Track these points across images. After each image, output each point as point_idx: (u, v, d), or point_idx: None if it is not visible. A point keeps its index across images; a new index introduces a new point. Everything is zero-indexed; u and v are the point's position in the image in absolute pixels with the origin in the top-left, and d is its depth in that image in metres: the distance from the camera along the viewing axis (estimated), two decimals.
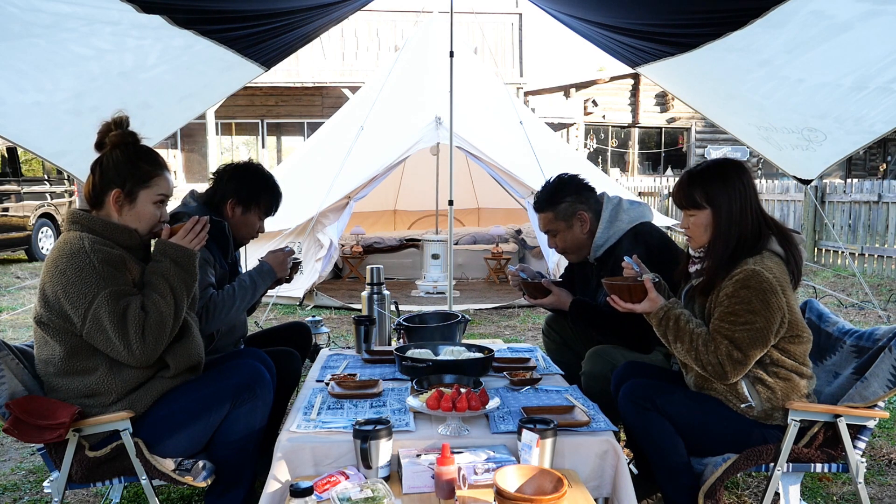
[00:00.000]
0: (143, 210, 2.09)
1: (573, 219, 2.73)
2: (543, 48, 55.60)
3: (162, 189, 2.13)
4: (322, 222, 6.71)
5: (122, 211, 2.06)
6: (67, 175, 10.52)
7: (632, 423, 2.20)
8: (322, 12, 3.70)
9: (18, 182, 10.39)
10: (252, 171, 2.78)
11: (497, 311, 6.72)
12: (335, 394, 2.29)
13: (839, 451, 2.11)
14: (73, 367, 1.98)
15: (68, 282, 1.91)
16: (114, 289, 1.92)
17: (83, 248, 1.94)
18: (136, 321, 1.92)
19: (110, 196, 2.05)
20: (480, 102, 7.75)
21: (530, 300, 2.87)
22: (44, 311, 1.96)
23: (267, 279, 2.71)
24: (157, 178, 2.11)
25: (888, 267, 8.64)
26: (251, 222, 2.78)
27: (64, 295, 1.91)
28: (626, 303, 2.21)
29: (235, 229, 2.77)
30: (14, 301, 7.24)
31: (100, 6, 2.66)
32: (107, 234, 2.02)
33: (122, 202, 2.06)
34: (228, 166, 2.81)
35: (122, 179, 2.05)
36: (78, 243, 1.95)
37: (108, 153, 2.08)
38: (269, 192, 2.79)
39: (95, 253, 1.93)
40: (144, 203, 2.09)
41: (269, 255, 2.77)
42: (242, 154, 16.50)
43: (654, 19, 3.40)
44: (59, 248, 1.98)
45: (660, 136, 19.10)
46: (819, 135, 4.03)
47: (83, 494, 2.74)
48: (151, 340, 1.94)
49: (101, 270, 1.92)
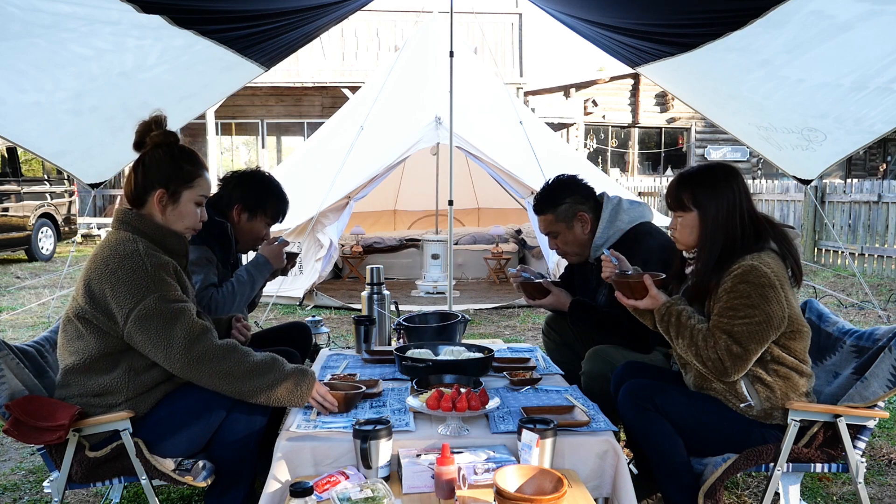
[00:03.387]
0: (186, 210, 2.12)
1: (574, 220, 2.73)
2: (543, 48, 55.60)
3: (203, 189, 2.16)
4: (322, 222, 6.71)
5: (165, 211, 2.09)
6: (67, 175, 10.54)
7: (631, 423, 2.20)
8: (322, 12, 3.70)
9: (18, 182, 10.39)
10: (259, 178, 2.81)
11: (497, 311, 6.72)
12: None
13: (839, 451, 2.11)
14: (98, 365, 1.98)
15: (118, 281, 1.92)
16: (164, 293, 1.95)
17: (137, 250, 1.96)
18: (191, 328, 1.95)
19: (154, 196, 2.07)
20: (480, 102, 7.75)
21: (529, 301, 2.87)
22: (88, 307, 1.96)
23: (264, 271, 2.73)
24: (199, 178, 2.14)
25: (888, 267, 8.64)
26: (256, 229, 2.81)
27: (112, 292, 1.92)
28: (629, 299, 2.21)
29: (240, 235, 2.79)
30: (14, 301, 7.24)
31: (100, 6, 2.66)
32: (157, 238, 2.05)
33: (165, 202, 2.08)
34: (236, 173, 2.84)
35: (165, 179, 2.08)
36: (132, 245, 1.97)
37: (149, 153, 2.09)
38: (277, 199, 2.82)
39: (149, 257, 1.96)
40: (187, 203, 2.12)
41: (264, 248, 2.79)
42: (242, 154, 16.51)
43: (654, 19, 3.40)
44: (110, 247, 1.99)
45: (660, 136, 19.09)
46: (819, 135, 4.03)
47: (83, 494, 2.74)
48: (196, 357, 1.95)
49: (154, 274, 1.94)
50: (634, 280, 2.19)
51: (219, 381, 1.98)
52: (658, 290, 2.17)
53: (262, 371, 2.01)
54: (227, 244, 2.73)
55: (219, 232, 2.70)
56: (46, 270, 9.74)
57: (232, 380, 1.98)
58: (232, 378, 1.98)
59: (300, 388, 2.05)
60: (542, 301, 2.81)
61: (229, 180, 2.82)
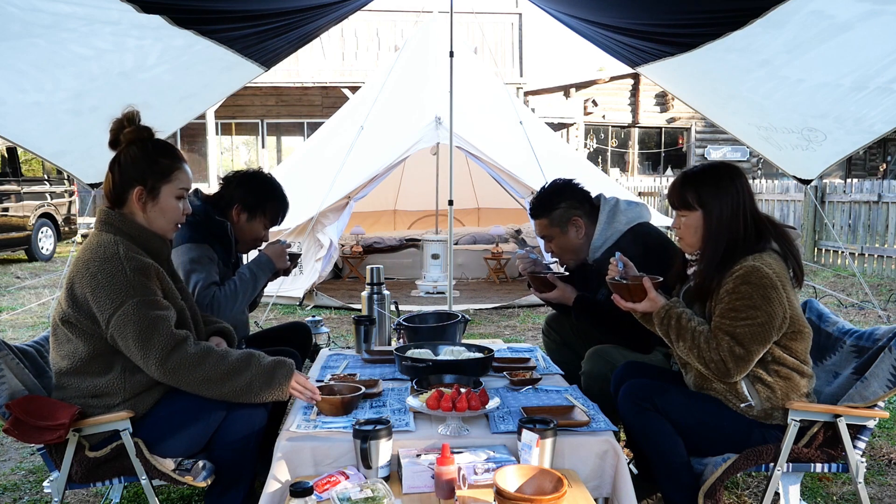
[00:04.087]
0: (167, 205, 2.09)
1: (568, 224, 2.74)
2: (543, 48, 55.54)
3: (183, 182, 2.12)
4: (322, 222, 6.71)
5: (146, 208, 2.06)
6: (67, 175, 10.53)
7: (631, 423, 2.20)
8: (322, 12, 3.70)
9: (18, 182, 10.39)
10: (260, 179, 2.81)
11: (497, 311, 6.72)
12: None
13: (839, 451, 2.11)
14: (91, 368, 1.98)
15: (98, 285, 1.91)
16: (143, 299, 1.93)
17: (117, 254, 1.94)
18: (167, 340, 1.93)
19: (132, 194, 2.04)
20: (480, 102, 7.74)
21: (535, 293, 2.88)
22: (71, 311, 1.96)
23: (266, 270, 2.73)
24: (177, 171, 2.11)
25: (888, 267, 8.64)
26: (255, 230, 2.81)
27: (92, 297, 1.91)
28: (627, 302, 2.21)
29: (239, 234, 2.79)
30: (14, 301, 7.24)
31: (100, 6, 2.66)
32: (140, 239, 2.03)
33: (145, 199, 2.06)
34: (238, 173, 2.84)
35: (142, 176, 2.05)
36: (112, 248, 1.95)
37: (124, 150, 2.07)
38: (276, 201, 2.82)
39: (129, 261, 1.94)
40: (167, 198, 2.09)
41: (266, 247, 2.79)
42: (242, 154, 16.50)
43: (654, 19, 3.40)
44: (92, 249, 1.97)
45: (660, 136, 19.09)
46: (819, 135, 4.03)
47: (83, 494, 2.74)
48: (172, 368, 1.94)
49: (133, 279, 1.93)
50: (633, 283, 2.19)
51: (198, 387, 1.98)
52: (657, 292, 2.17)
53: (238, 370, 2.00)
54: (227, 243, 2.74)
55: (219, 231, 2.71)
56: (46, 270, 9.74)
57: (211, 384, 1.98)
58: (210, 383, 1.97)
59: (277, 379, 2.03)
60: (547, 294, 2.82)
61: (230, 180, 2.82)
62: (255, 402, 2.02)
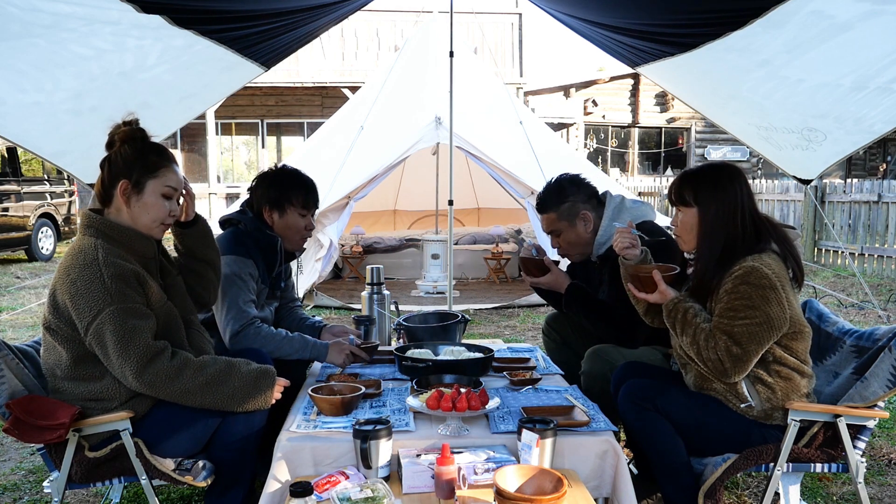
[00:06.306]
0: (151, 201, 2.05)
1: (576, 219, 2.73)
2: (543, 48, 55.61)
3: (170, 181, 2.09)
4: (322, 222, 6.71)
5: (129, 203, 2.04)
6: (67, 175, 10.52)
7: (631, 423, 2.20)
8: (322, 12, 3.70)
9: (18, 182, 10.39)
10: (275, 173, 2.72)
11: (497, 311, 6.72)
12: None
13: (839, 451, 2.11)
14: (79, 373, 1.97)
15: (77, 292, 1.90)
16: (120, 306, 1.90)
17: (96, 259, 1.92)
18: (144, 352, 1.91)
19: (118, 188, 2.02)
20: (480, 102, 7.74)
21: (528, 277, 2.88)
22: (52, 318, 1.96)
23: (316, 356, 2.59)
24: (164, 169, 2.08)
25: (888, 267, 8.64)
26: (293, 223, 2.69)
27: (71, 304, 1.90)
28: (640, 292, 2.22)
29: (282, 234, 2.69)
30: (14, 301, 7.24)
31: (100, 6, 2.66)
32: (123, 240, 2.01)
33: (129, 193, 2.03)
34: (257, 176, 2.75)
35: (129, 170, 2.03)
36: (92, 254, 1.93)
37: (117, 149, 2.06)
38: (299, 187, 2.70)
39: (107, 267, 1.91)
40: (152, 194, 2.05)
41: (335, 345, 2.61)
42: (242, 154, 16.50)
43: (654, 19, 3.40)
44: (73, 255, 1.96)
45: (660, 136, 19.09)
46: (819, 135, 4.03)
47: (83, 494, 2.74)
48: (149, 381, 1.93)
49: (111, 286, 1.90)
50: (644, 273, 2.20)
51: (178, 399, 1.98)
52: (667, 285, 2.18)
53: (218, 382, 1.99)
54: (272, 260, 2.65)
55: (266, 244, 2.62)
56: (46, 270, 9.74)
57: (190, 395, 1.97)
58: (190, 394, 1.97)
59: (260, 389, 2.04)
60: (540, 279, 2.81)
61: (252, 187, 2.72)
62: (238, 411, 2.03)
